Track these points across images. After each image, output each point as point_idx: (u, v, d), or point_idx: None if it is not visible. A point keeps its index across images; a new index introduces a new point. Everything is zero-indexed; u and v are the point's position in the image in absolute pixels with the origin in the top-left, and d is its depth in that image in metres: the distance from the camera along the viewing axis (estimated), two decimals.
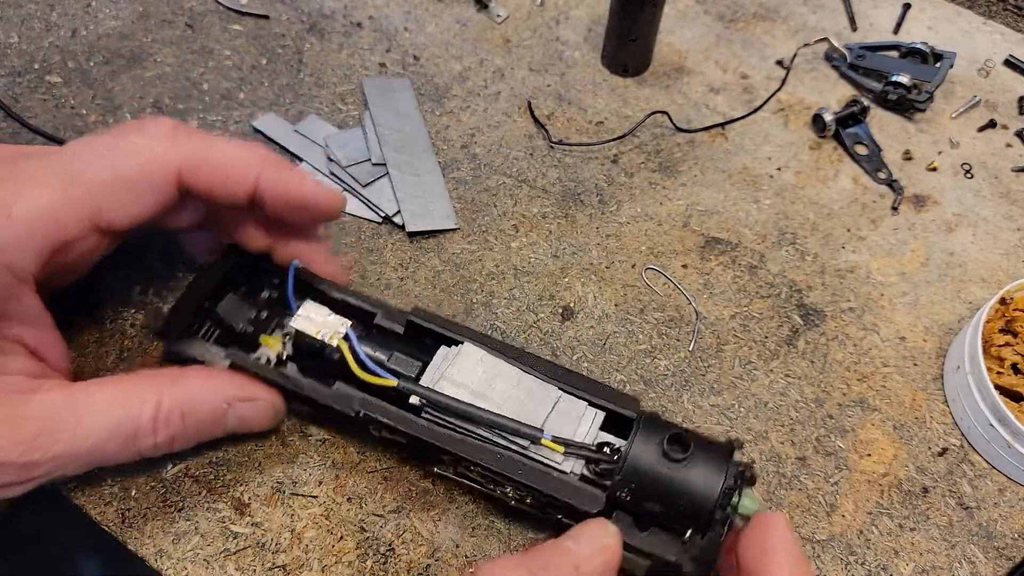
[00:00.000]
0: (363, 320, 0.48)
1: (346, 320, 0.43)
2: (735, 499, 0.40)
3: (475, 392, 0.43)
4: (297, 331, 0.43)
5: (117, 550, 0.45)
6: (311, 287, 0.48)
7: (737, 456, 0.41)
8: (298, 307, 0.44)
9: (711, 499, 0.39)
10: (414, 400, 0.42)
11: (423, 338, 0.46)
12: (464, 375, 0.43)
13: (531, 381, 0.44)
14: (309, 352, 0.45)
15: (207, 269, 0.47)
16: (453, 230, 0.59)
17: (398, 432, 0.43)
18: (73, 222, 0.40)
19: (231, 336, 0.47)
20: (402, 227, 0.58)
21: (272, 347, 0.47)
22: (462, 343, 0.45)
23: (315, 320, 0.43)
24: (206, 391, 0.44)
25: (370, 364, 0.42)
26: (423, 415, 0.43)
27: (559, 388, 0.44)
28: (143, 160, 0.42)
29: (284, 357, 0.48)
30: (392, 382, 0.42)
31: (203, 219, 0.48)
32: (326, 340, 0.42)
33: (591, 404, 0.44)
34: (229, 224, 0.48)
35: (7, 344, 0.40)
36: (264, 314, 0.47)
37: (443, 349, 0.45)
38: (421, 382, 0.44)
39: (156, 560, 0.45)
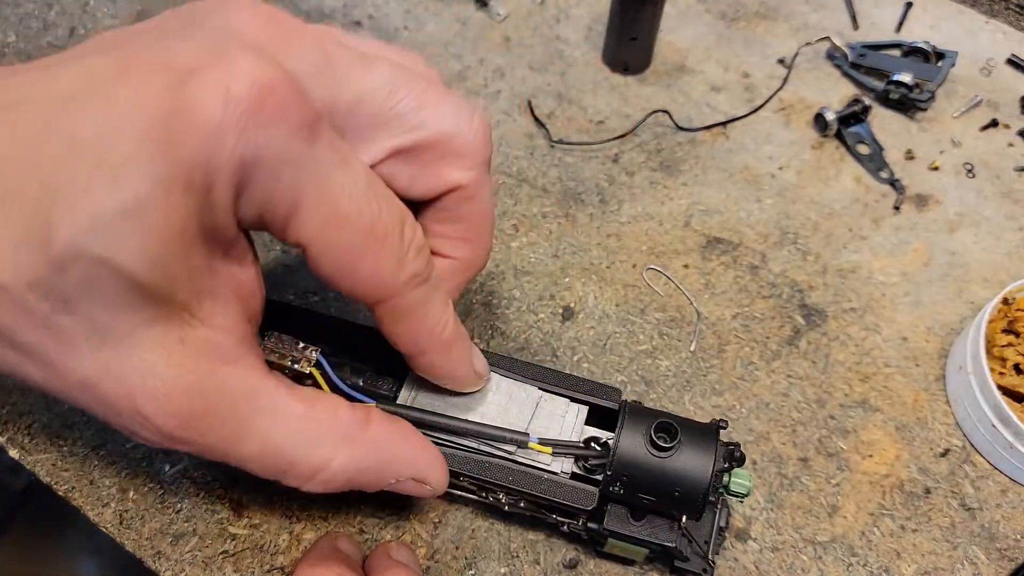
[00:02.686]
0: (332, 342, 0.47)
1: (315, 346, 0.42)
2: (726, 480, 0.40)
3: (455, 403, 0.42)
4: (266, 362, 0.40)
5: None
6: (273, 315, 0.46)
7: (724, 436, 0.41)
8: (263, 338, 0.42)
9: (703, 484, 0.39)
10: None
11: (396, 353, 0.46)
12: (442, 387, 0.43)
13: (510, 384, 0.44)
14: None
15: None
16: None
17: None
18: None
19: None
20: None
21: None
22: None
23: (283, 350, 0.41)
24: (382, 461, 0.39)
25: (346, 388, 0.41)
26: None
27: (539, 388, 0.44)
28: None
29: None
30: (371, 405, 0.41)
31: None
32: (298, 368, 0.41)
33: (573, 400, 0.44)
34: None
35: (214, 286, 0.33)
36: None
37: None
38: (399, 399, 0.43)
39: (154, 562, 0.44)
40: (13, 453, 0.48)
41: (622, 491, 0.40)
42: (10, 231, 0.28)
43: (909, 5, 0.75)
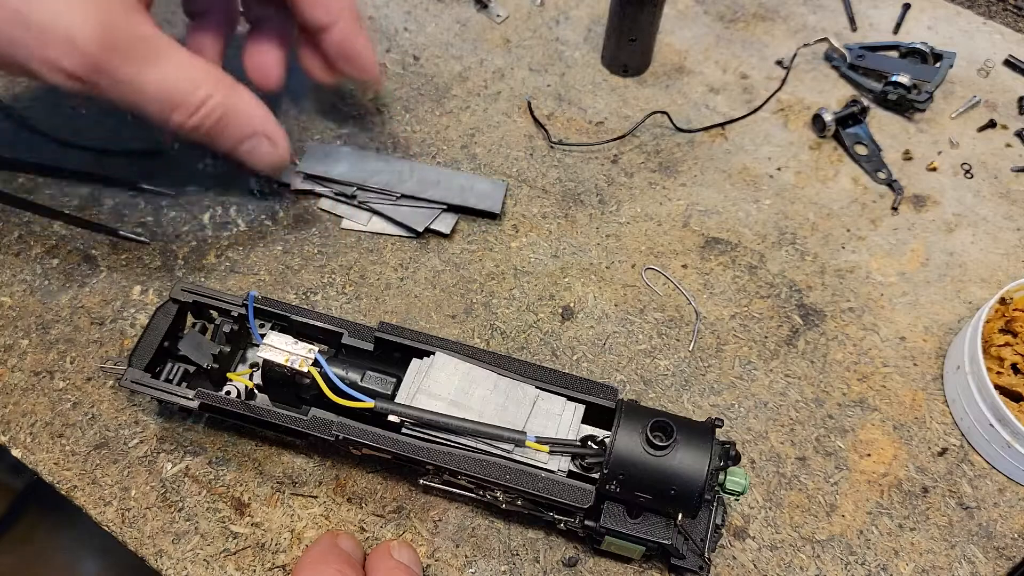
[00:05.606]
0: (330, 342, 0.47)
1: (313, 346, 0.42)
2: (722, 478, 0.41)
3: (453, 402, 0.43)
4: (265, 361, 0.42)
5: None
6: (272, 315, 0.47)
7: (719, 434, 0.42)
8: (263, 337, 0.42)
9: (699, 482, 0.39)
10: (393, 418, 0.42)
11: (394, 352, 0.46)
12: (440, 386, 0.43)
13: (507, 383, 0.44)
14: (279, 381, 0.45)
15: (158, 311, 0.47)
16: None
17: (380, 450, 0.43)
18: None
19: (196, 373, 0.46)
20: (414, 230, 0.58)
21: (240, 381, 0.47)
22: (433, 353, 0.45)
23: (282, 348, 0.42)
24: (248, 111, 0.49)
25: (344, 387, 0.41)
26: (403, 431, 0.42)
27: (536, 387, 0.44)
28: None
29: (253, 389, 0.47)
30: (369, 404, 0.41)
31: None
32: (296, 367, 0.41)
33: (570, 399, 0.44)
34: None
35: None
36: (227, 348, 0.47)
37: (415, 362, 0.45)
38: (397, 398, 0.43)
39: (156, 560, 0.45)
40: (15, 453, 0.48)
41: (618, 489, 0.40)
42: None
43: (907, 6, 0.75)
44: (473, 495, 0.44)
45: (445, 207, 0.58)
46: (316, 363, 0.42)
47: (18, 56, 0.41)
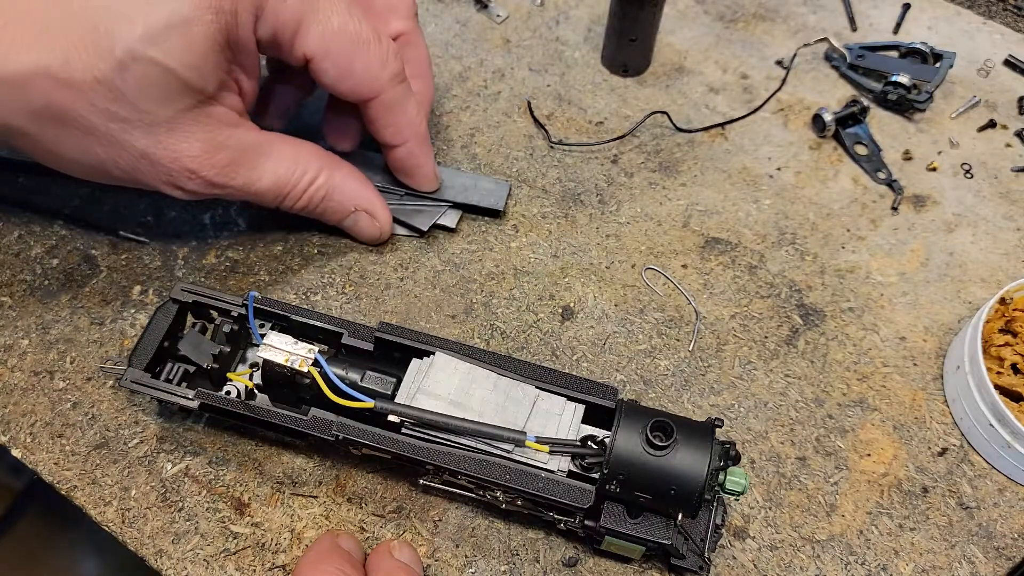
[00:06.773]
0: (330, 342, 0.47)
1: (313, 346, 0.42)
2: (722, 478, 0.41)
3: (453, 402, 0.43)
4: (265, 361, 0.42)
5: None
6: (272, 315, 0.47)
7: (719, 434, 0.42)
8: (263, 337, 0.42)
9: (699, 482, 0.39)
10: (393, 418, 0.42)
11: (394, 352, 0.46)
12: (440, 386, 0.43)
13: (507, 383, 0.44)
14: (279, 381, 0.45)
15: (158, 311, 0.47)
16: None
17: (380, 450, 0.43)
18: None
19: (196, 373, 0.46)
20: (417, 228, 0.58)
21: (240, 381, 0.47)
22: (433, 353, 0.45)
23: (282, 348, 0.42)
24: (349, 189, 0.54)
25: (344, 387, 0.41)
26: (403, 431, 0.42)
27: (536, 387, 0.44)
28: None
29: (253, 389, 0.47)
30: (369, 404, 0.41)
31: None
32: (296, 367, 0.41)
33: (570, 399, 0.44)
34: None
35: (229, 82, 0.47)
36: (227, 348, 0.47)
37: (415, 362, 0.45)
38: (397, 398, 0.43)
39: (156, 560, 0.45)
40: (15, 453, 0.48)
41: (618, 489, 0.40)
42: (76, 39, 0.40)
43: (907, 6, 0.75)
44: (473, 495, 0.44)
45: (449, 204, 0.59)
46: (316, 363, 0.42)
47: (145, 182, 0.47)
